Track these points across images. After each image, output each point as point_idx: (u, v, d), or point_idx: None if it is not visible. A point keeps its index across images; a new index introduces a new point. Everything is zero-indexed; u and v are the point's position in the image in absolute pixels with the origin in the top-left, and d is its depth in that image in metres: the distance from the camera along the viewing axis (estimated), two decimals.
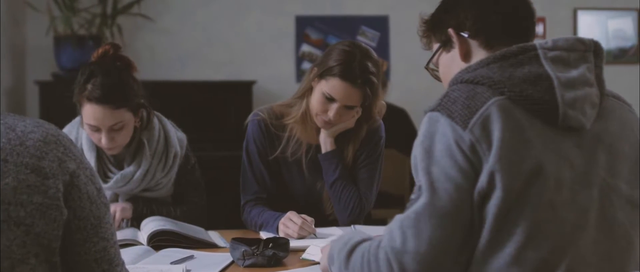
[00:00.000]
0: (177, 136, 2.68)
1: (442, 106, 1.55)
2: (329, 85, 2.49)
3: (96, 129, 2.46)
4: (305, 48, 5.84)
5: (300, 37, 5.82)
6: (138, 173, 2.55)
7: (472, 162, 1.50)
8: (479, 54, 1.66)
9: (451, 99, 1.55)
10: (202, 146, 4.47)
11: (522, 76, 1.55)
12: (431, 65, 1.80)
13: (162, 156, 2.60)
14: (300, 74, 5.78)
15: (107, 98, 2.42)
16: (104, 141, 2.46)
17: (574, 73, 1.56)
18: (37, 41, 5.35)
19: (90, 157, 2.55)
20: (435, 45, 1.77)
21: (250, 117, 2.68)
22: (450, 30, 1.70)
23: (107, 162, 2.60)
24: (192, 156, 2.72)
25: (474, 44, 1.68)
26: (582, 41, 1.61)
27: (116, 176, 2.55)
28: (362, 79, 2.48)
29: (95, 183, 1.45)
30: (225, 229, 2.62)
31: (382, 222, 5.06)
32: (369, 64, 2.49)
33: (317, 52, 5.79)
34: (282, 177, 2.69)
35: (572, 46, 1.59)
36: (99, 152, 2.59)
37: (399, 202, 5.09)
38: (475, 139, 1.50)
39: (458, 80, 1.61)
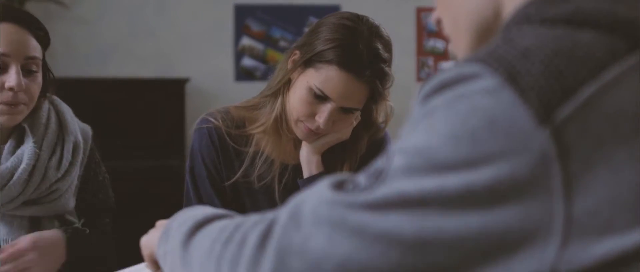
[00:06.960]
0: (79, 125, 2.04)
1: (497, 59, 0.75)
2: (321, 77, 1.87)
3: (3, 67, 1.82)
4: (246, 41, 5.75)
5: (240, 29, 5.76)
6: (20, 170, 1.86)
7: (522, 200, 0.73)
8: None
9: (519, 50, 0.76)
10: (125, 153, 4.57)
11: None
12: None
13: (54, 147, 1.93)
14: (239, 70, 5.70)
15: (23, 17, 1.88)
16: (14, 80, 1.80)
17: None
18: None
19: None
20: None
21: (196, 124, 2.08)
22: None
23: None
24: (97, 156, 2.09)
25: None
26: None
27: None
28: (372, 69, 1.84)
29: None
30: None
31: None
32: (380, 47, 1.85)
33: (259, 47, 5.77)
34: (245, 211, 2.09)
35: None
36: None
37: None
38: (560, 147, 0.71)
39: (530, 18, 0.81)
